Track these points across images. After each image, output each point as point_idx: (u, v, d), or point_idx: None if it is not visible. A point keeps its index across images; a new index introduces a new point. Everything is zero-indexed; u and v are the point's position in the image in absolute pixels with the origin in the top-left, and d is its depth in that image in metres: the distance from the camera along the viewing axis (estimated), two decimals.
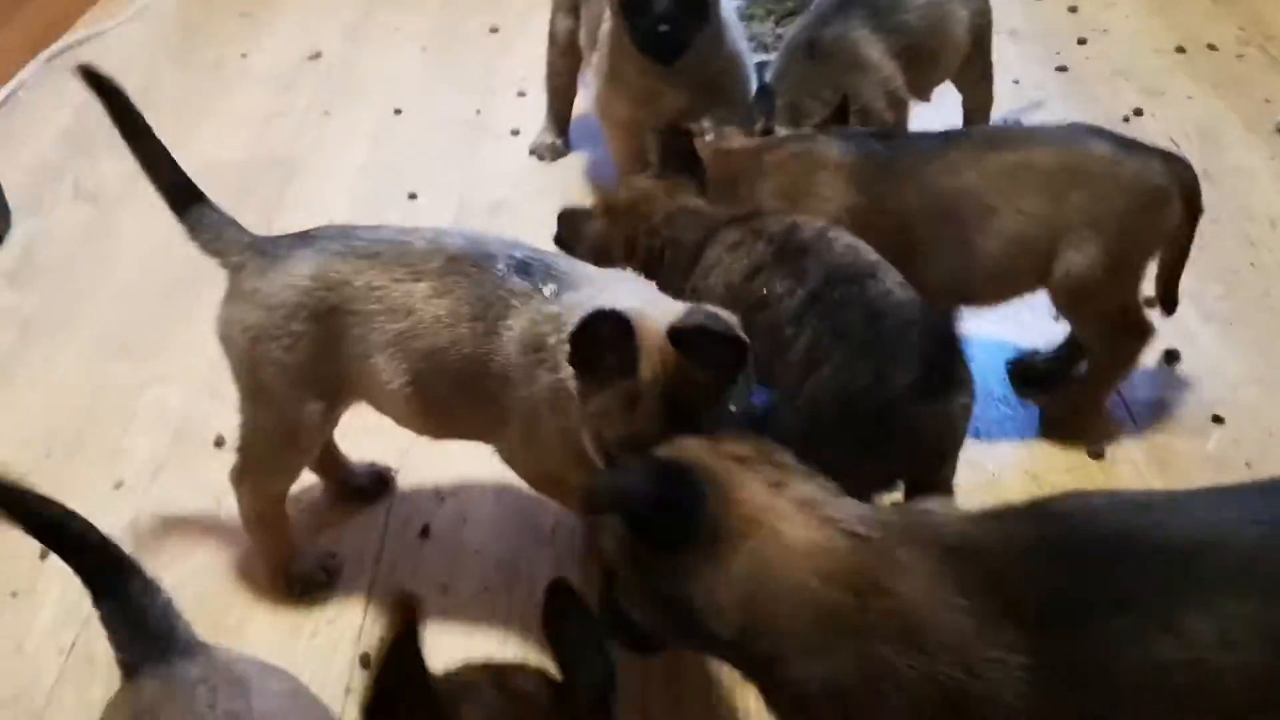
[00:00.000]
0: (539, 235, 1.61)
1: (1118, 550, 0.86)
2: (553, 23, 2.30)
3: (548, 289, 1.29)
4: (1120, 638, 0.84)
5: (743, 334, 1.16)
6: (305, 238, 1.41)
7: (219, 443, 1.72)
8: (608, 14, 2.00)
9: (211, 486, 1.61)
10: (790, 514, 0.94)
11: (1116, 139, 1.61)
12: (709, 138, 1.71)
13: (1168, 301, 1.69)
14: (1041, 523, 0.92)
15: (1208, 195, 2.15)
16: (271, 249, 1.39)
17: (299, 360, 1.35)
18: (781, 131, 1.75)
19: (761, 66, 2.10)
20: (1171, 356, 1.80)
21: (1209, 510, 0.90)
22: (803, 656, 0.90)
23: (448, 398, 1.36)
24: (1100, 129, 1.65)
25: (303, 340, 1.35)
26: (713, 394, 1.15)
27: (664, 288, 1.43)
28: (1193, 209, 1.60)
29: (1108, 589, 0.85)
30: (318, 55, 2.89)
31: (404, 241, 1.37)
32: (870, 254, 1.39)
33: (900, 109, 2.03)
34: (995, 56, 2.42)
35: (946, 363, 1.28)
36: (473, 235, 1.39)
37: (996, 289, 1.66)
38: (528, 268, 1.32)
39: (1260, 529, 0.86)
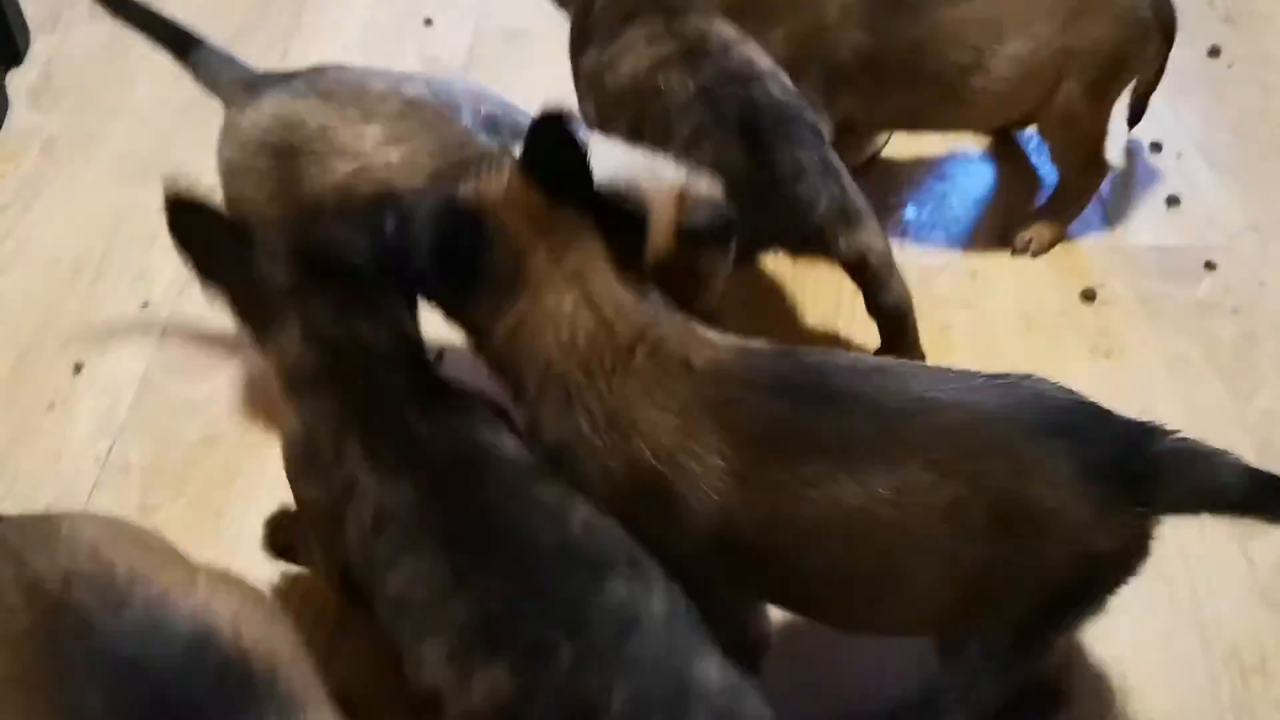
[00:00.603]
0: (557, 69, 1.62)
1: (840, 404, 1.00)
2: None
3: (516, 149, 1.27)
4: (815, 475, 0.98)
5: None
6: (286, 77, 1.44)
7: None
8: None
9: None
10: (559, 285, 1.08)
11: None
12: None
13: (1135, 116, 1.75)
14: (785, 365, 1.06)
15: (1228, 38, 2.15)
16: (256, 87, 1.43)
17: (266, 197, 1.40)
18: None
19: None
20: (1172, 201, 1.82)
21: (934, 385, 1.01)
22: (535, 409, 1.09)
23: None
24: None
25: (267, 178, 1.39)
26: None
27: (577, 35, 1.57)
28: (1169, 42, 1.66)
29: (817, 433, 0.99)
30: None
31: (362, 84, 1.38)
32: (764, 64, 1.49)
33: None
34: None
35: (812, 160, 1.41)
36: (440, 82, 1.41)
37: (994, 113, 1.73)
38: (495, 123, 1.33)
39: (965, 413, 0.98)
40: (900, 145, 1.92)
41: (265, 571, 1.34)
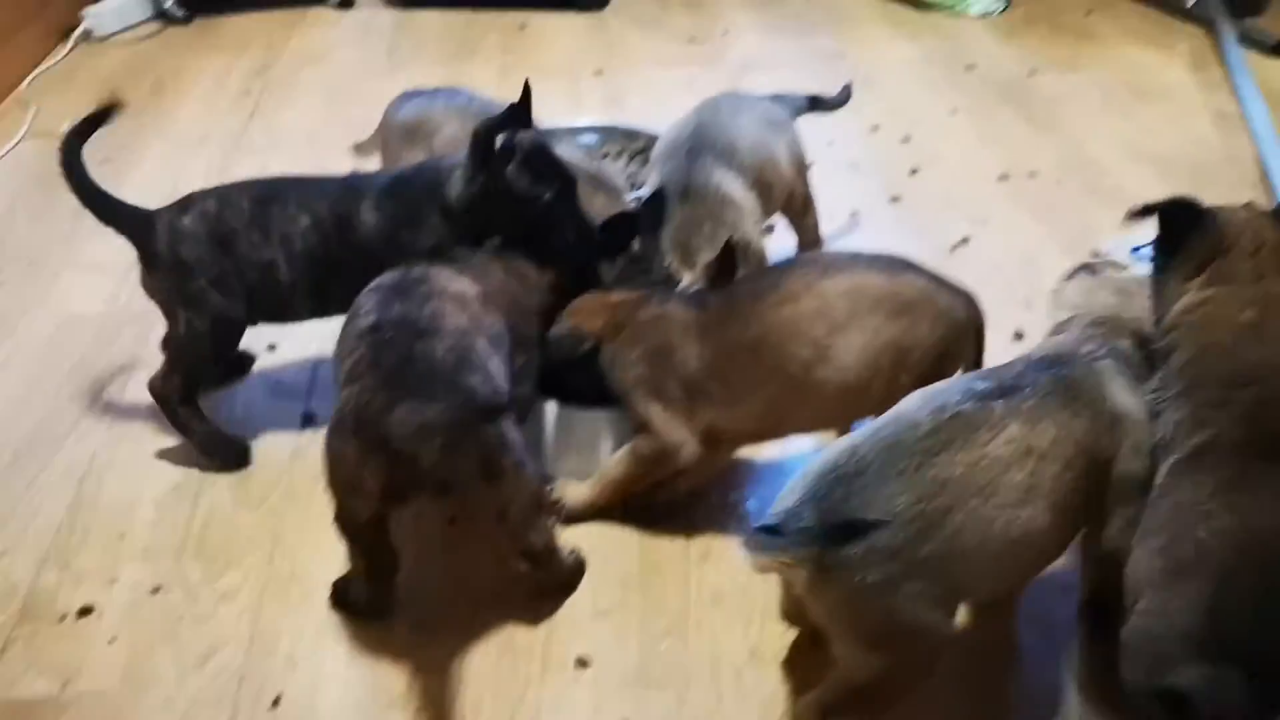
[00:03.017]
0: None
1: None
2: None
3: None
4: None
5: None
6: None
7: (62, 618, 1.72)
8: None
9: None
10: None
11: (927, 274, 1.81)
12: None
13: None
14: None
15: (1027, 321, 2.33)
16: None
17: None
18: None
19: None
20: None
21: None
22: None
23: None
24: (911, 263, 1.83)
25: None
26: None
27: None
28: (980, 341, 1.82)
29: None
30: None
31: None
32: (449, 322, 1.65)
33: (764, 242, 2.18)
34: (836, 189, 2.57)
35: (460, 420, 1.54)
36: None
37: (844, 405, 1.79)
38: None
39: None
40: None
41: None
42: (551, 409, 1.93)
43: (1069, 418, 1.44)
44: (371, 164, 2.47)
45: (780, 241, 2.42)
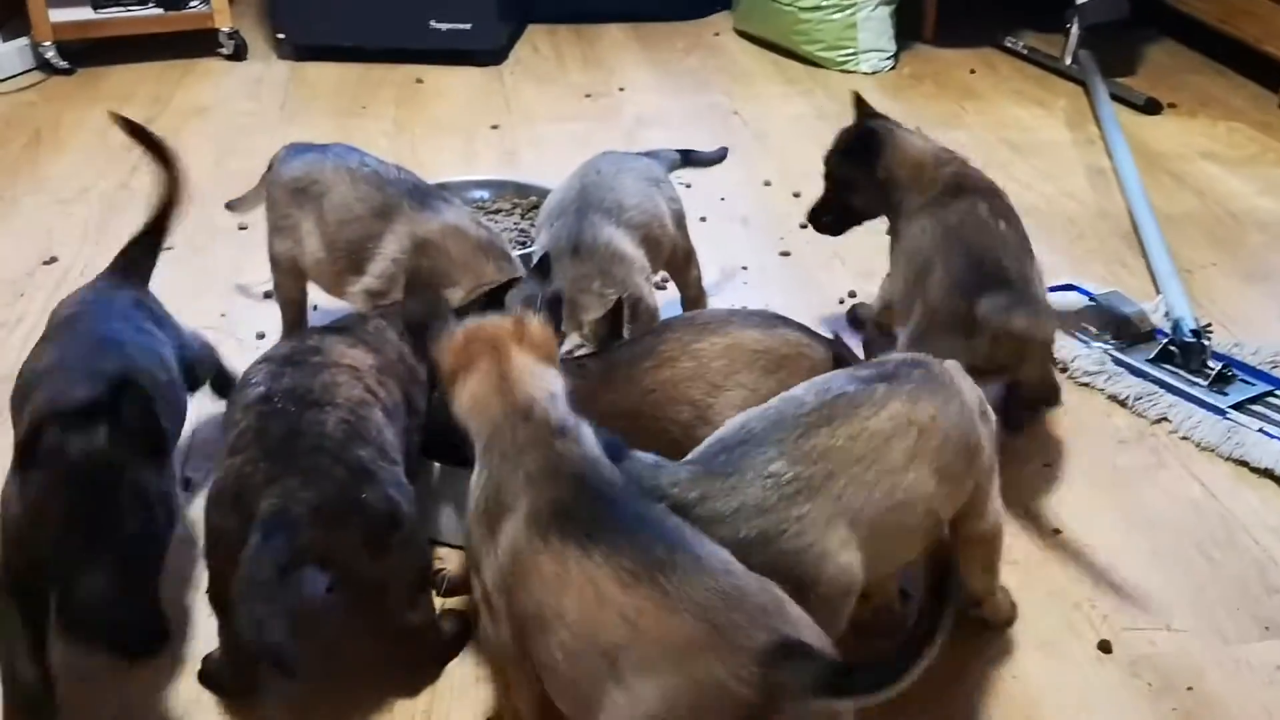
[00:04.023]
0: None
1: None
2: (270, 245, 2.28)
3: None
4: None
5: None
6: None
7: None
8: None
9: None
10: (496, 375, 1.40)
11: (801, 327, 1.85)
12: None
13: None
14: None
15: None
16: None
17: None
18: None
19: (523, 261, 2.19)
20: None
21: None
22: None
23: None
24: (785, 317, 1.86)
25: None
26: None
27: None
28: None
29: None
30: (53, 259, 2.81)
31: None
32: (341, 394, 1.61)
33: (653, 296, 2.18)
34: (727, 244, 2.59)
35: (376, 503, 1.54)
36: None
37: None
38: None
39: None
40: None
41: None
42: (436, 468, 1.89)
43: (943, 402, 1.53)
44: (248, 220, 2.40)
45: (668, 295, 2.43)
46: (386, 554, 1.56)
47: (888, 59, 4.07)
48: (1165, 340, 2.40)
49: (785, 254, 2.84)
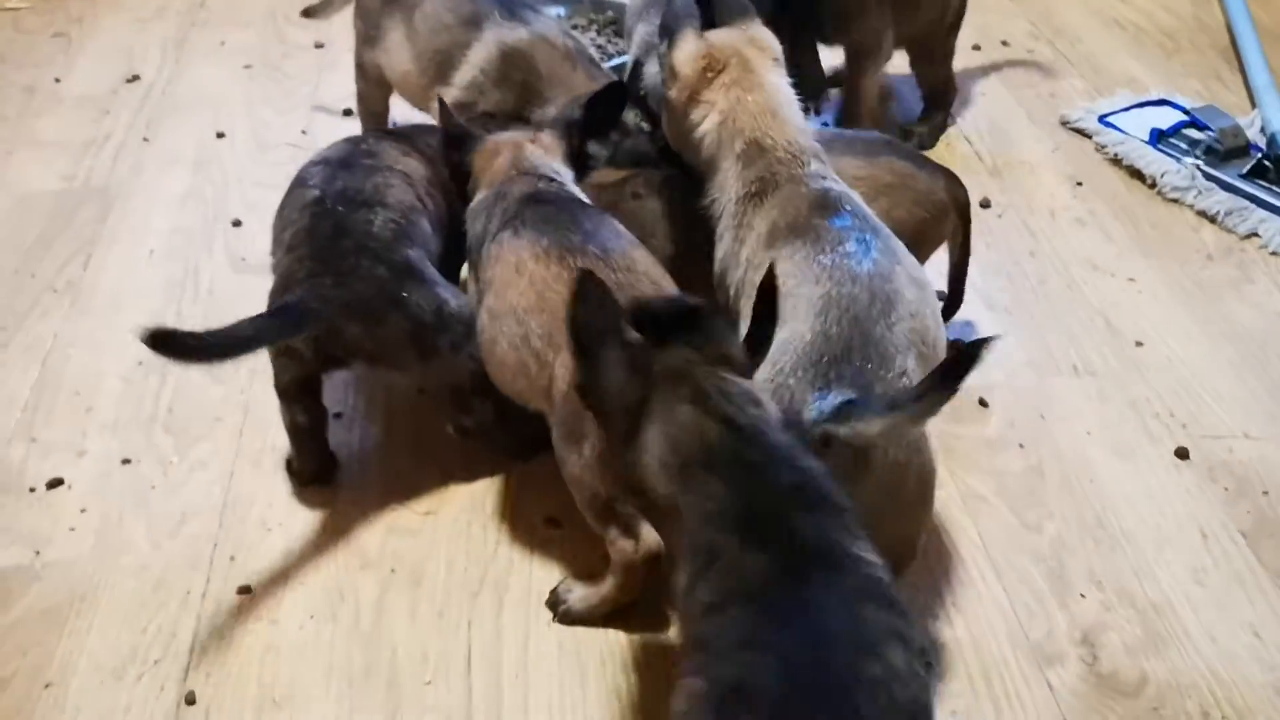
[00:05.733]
0: None
1: None
2: (358, 54, 2.27)
3: None
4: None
5: None
6: None
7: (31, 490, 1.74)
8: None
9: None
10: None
11: (909, 153, 1.81)
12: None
13: (952, 305, 1.86)
14: None
15: (995, 190, 2.33)
16: None
17: None
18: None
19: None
20: (953, 346, 1.93)
21: None
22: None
23: None
24: (891, 142, 1.83)
25: None
26: None
27: None
28: (965, 220, 1.80)
29: None
30: (135, 78, 2.83)
31: None
32: (393, 196, 1.67)
33: None
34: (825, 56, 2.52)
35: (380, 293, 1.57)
36: None
37: None
38: None
39: None
40: None
41: None
42: None
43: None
44: (327, 28, 2.37)
45: None
46: (435, 355, 1.61)
47: None
48: (1260, 155, 2.32)
49: None
